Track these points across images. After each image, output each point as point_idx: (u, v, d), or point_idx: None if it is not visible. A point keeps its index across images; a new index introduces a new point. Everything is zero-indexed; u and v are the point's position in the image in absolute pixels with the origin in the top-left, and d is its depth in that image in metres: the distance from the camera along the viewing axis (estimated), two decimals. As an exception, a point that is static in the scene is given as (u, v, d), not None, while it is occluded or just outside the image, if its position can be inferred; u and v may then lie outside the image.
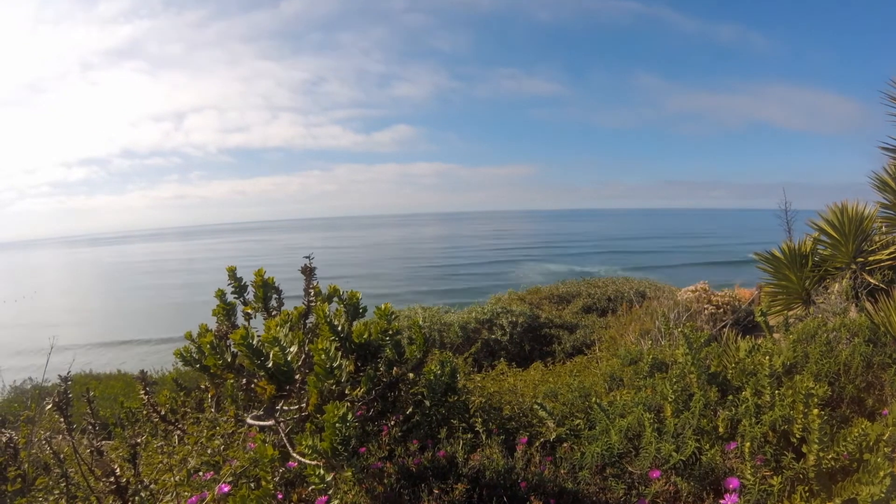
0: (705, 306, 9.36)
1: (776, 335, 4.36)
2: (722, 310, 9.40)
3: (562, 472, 3.14)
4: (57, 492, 2.98)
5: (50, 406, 3.21)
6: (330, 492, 2.58)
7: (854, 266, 6.63)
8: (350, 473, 2.76)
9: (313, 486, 2.59)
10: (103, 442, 4.18)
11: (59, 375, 3.34)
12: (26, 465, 3.41)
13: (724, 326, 8.37)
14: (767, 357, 3.16)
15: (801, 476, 2.62)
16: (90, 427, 3.58)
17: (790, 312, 6.95)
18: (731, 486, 2.46)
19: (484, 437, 3.40)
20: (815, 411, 2.60)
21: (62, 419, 3.21)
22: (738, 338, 5.47)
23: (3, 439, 3.41)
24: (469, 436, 3.38)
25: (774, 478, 2.51)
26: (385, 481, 2.96)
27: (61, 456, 3.39)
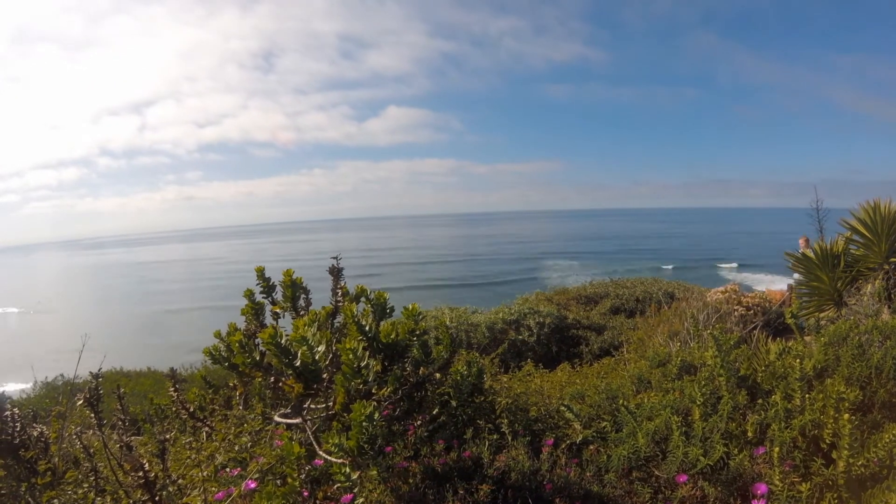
0: (735, 307, 9.31)
1: (807, 337, 4.34)
2: (752, 311, 9.35)
3: (588, 474, 3.18)
4: (86, 485, 3.05)
5: (81, 402, 3.30)
6: (355, 490, 2.64)
7: (887, 266, 6.57)
8: (375, 472, 2.82)
9: (339, 484, 2.65)
10: (133, 437, 4.28)
11: (90, 372, 3.43)
12: (56, 459, 3.49)
13: (755, 328, 8.32)
14: (798, 360, 3.15)
15: (830, 482, 2.62)
16: (120, 423, 3.66)
17: (822, 314, 6.88)
18: (758, 491, 2.48)
19: (510, 439, 3.46)
20: (846, 416, 2.60)
21: (93, 415, 3.30)
22: (769, 340, 5.44)
23: (35, 433, 3.49)
24: (495, 436, 3.43)
25: (803, 484, 2.52)
26: (410, 481, 3.03)
27: (91, 450, 3.48)
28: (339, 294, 3.85)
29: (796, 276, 9.36)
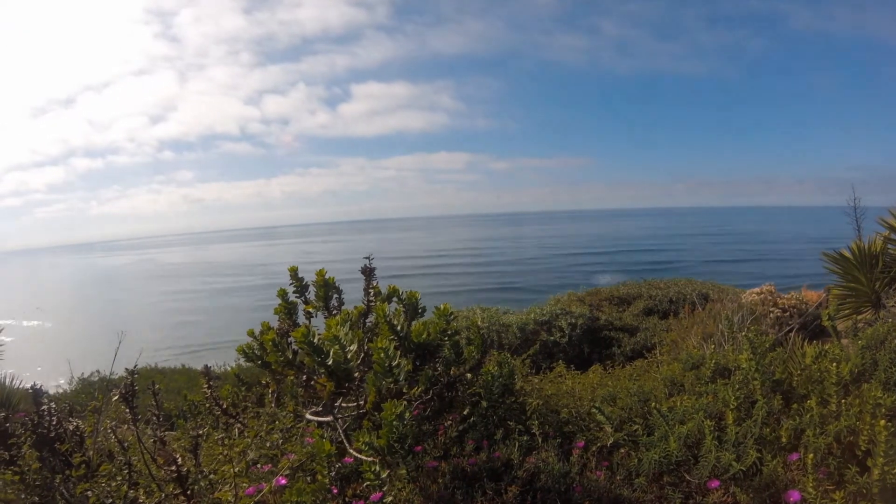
0: (771, 309, 9.21)
1: (844, 341, 4.31)
2: (788, 313, 9.24)
3: (618, 478, 3.22)
4: (119, 478, 3.14)
5: (116, 397, 3.41)
6: (384, 488, 2.72)
7: (928, 268, 6.46)
8: (405, 471, 2.89)
9: (368, 482, 2.74)
10: (166, 433, 4.40)
11: (126, 368, 3.53)
12: (91, 453, 3.62)
13: (790, 330, 8.23)
14: (834, 364, 3.14)
15: (864, 491, 2.63)
16: (154, 418, 3.79)
17: (859, 316, 6.79)
18: (791, 499, 2.49)
19: (540, 440, 3.50)
20: (882, 422, 2.59)
21: (128, 410, 3.40)
22: (805, 343, 5.40)
23: (70, 427, 3.61)
24: (525, 438, 3.49)
25: (837, 492, 2.52)
26: (439, 480, 3.10)
27: (125, 444, 3.60)
28: (372, 294, 3.91)
29: None
